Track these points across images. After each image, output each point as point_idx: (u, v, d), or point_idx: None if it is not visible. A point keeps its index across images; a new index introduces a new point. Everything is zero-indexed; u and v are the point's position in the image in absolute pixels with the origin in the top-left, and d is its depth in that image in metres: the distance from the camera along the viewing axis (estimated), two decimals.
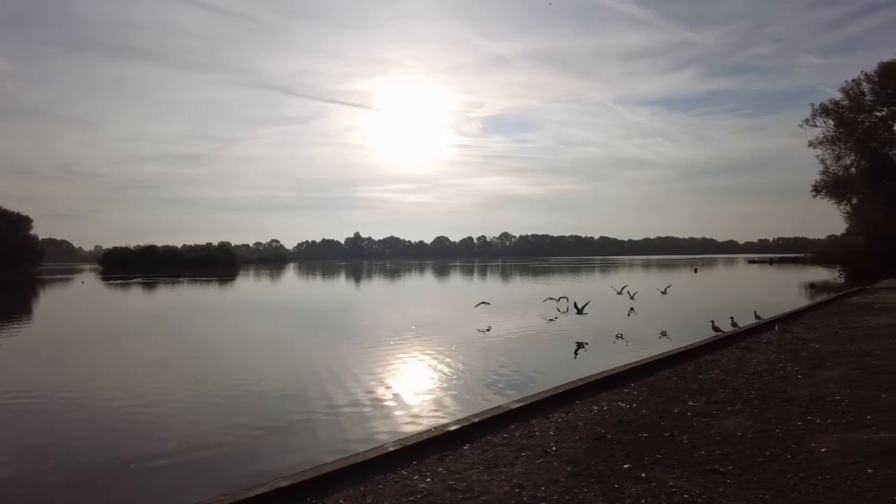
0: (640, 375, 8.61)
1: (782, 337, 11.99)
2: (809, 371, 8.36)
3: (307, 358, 13.94)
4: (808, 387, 7.35)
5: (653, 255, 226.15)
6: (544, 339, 16.20)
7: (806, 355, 9.65)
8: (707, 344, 11.26)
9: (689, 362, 9.64)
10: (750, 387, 7.55)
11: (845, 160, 50.50)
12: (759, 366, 9.01)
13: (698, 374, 8.58)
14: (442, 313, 25.48)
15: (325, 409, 8.93)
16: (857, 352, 9.65)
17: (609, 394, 7.59)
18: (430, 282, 58.00)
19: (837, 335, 11.80)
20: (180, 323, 23.18)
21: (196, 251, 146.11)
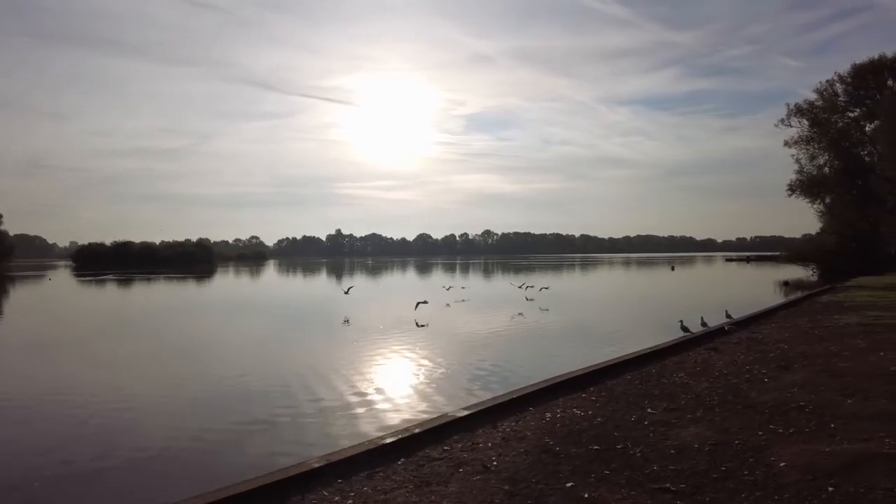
0: (601, 378, 8.21)
1: (752, 337, 11.73)
2: (776, 374, 8.03)
3: (271, 358, 13.33)
4: (772, 391, 6.99)
5: (633, 252, 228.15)
6: (514, 336, 15.79)
7: (774, 356, 9.34)
8: (675, 345, 10.92)
9: (654, 364, 9.27)
10: (713, 392, 7.17)
11: (819, 160, 51.13)
12: (725, 368, 8.66)
13: (662, 378, 8.19)
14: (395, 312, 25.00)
15: (277, 412, 8.38)
16: (825, 353, 9.37)
17: (566, 399, 7.16)
18: (404, 279, 57.42)
19: (807, 335, 11.55)
20: (147, 323, 22.31)
21: (172, 248, 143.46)
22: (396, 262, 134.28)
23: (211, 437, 7.44)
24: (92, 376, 11.61)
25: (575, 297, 31.64)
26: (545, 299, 25.87)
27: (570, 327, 18.03)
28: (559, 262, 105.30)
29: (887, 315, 14.12)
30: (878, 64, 48.52)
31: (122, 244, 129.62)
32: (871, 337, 10.77)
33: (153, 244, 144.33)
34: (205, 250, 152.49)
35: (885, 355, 8.80)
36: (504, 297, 29.56)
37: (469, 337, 15.84)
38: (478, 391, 9.32)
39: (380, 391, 9.63)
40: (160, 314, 25.12)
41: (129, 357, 14.01)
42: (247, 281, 56.73)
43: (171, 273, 70.16)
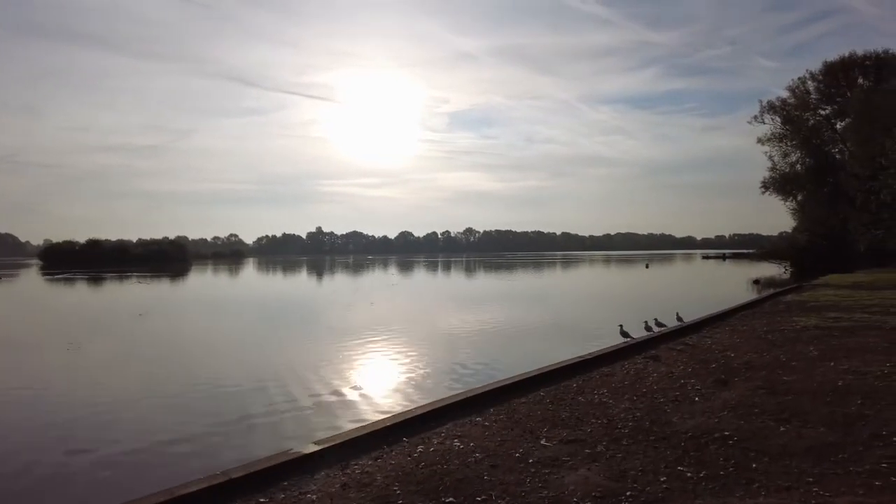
0: (509, 396, 7.02)
1: (699, 343, 10.67)
2: (710, 390, 6.91)
3: (227, 361, 11.95)
4: (698, 415, 5.86)
5: (613, 250, 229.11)
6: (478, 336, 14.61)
7: (715, 367, 8.24)
8: (611, 353, 9.80)
9: (579, 377, 8.11)
10: (630, 415, 6.02)
11: (791, 157, 50.92)
12: (656, 382, 7.54)
13: (580, 395, 7.03)
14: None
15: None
16: (773, 362, 8.30)
17: (455, 424, 5.95)
18: (379, 278, 56.06)
19: (759, 340, 10.52)
20: (100, 325, 20.68)
21: (145, 245, 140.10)
22: (378, 260, 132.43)
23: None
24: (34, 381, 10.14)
25: (534, 294, 30.65)
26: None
27: (520, 327, 16.89)
28: (537, 260, 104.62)
29: (846, 317, 13.19)
30: (849, 62, 48.39)
31: (93, 242, 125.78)
32: (825, 343, 9.76)
33: (126, 242, 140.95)
34: (179, 248, 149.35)
35: (835, 366, 7.75)
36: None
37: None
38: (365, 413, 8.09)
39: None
40: (115, 315, 23.46)
41: (73, 361, 12.51)
42: (212, 280, 54.83)
43: (143, 272, 67.81)
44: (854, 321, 12.48)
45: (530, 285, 40.58)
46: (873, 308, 14.82)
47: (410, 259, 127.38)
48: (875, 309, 14.60)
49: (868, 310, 14.55)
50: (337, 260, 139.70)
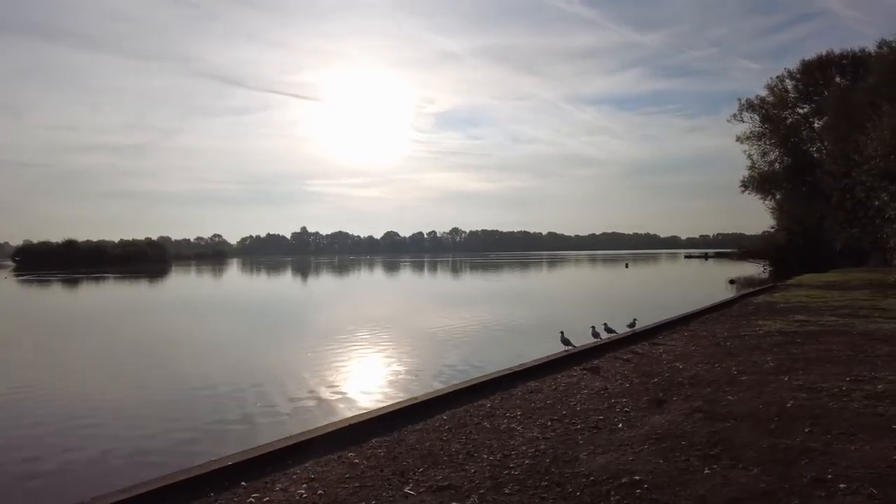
0: (404, 420, 5.91)
1: (649, 351, 9.65)
2: (641, 413, 5.87)
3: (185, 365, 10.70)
4: (613, 449, 4.80)
5: (599, 250, 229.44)
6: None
7: (657, 382, 7.21)
8: (548, 363, 8.73)
9: (500, 394, 7.03)
10: (533, 448, 4.94)
11: (770, 156, 50.51)
12: (583, 401, 6.48)
13: (487, 420, 5.95)
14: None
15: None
16: (722, 376, 7.28)
17: (315, 463, 4.84)
18: (359, 280, 54.80)
19: (716, 348, 9.52)
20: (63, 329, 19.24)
21: (123, 247, 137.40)
22: (363, 260, 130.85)
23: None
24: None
25: (510, 295, 29.62)
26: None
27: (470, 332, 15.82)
28: (522, 261, 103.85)
29: (813, 321, 12.28)
30: (826, 61, 48.08)
31: (69, 243, 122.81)
32: (785, 351, 8.78)
33: (104, 243, 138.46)
34: (158, 249, 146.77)
35: (789, 380, 6.75)
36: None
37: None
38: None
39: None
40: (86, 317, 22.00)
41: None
42: (183, 282, 53.17)
43: (121, 273, 65.81)
44: (820, 325, 11.56)
45: (509, 286, 39.61)
46: (842, 310, 13.96)
47: (395, 259, 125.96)
48: (844, 311, 13.74)
49: (837, 312, 13.68)
50: (321, 261, 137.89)
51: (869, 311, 13.77)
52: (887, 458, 4.19)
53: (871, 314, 13.08)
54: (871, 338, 9.69)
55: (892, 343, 9.12)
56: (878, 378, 6.63)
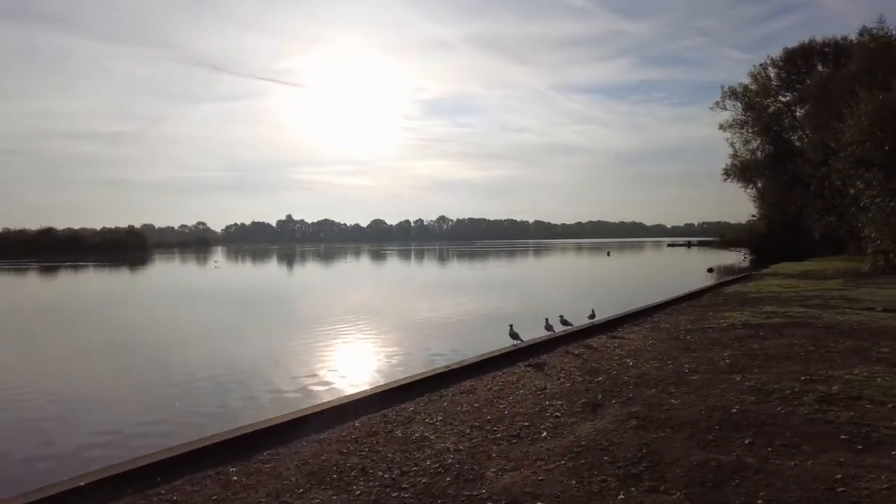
0: (301, 431, 5.27)
1: (604, 345, 9.10)
2: (572, 419, 5.29)
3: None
4: (526, 466, 4.20)
5: (584, 238, 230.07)
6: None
7: (601, 381, 6.64)
8: (491, 359, 8.14)
9: (428, 395, 6.43)
10: (437, 463, 4.33)
11: (752, 144, 50.26)
12: (515, 404, 5.89)
13: (401, 427, 5.33)
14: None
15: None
16: (671, 375, 6.73)
17: (188, 480, 4.19)
18: (338, 269, 54.00)
19: (674, 342, 8.99)
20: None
21: (102, 235, 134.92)
22: (349, 248, 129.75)
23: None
24: None
25: (490, 283, 29.07)
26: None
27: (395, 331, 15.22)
28: (507, 249, 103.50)
29: (781, 311, 11.82)
30: (808, 49, 47.71)
31: (46, 231, 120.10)
32: (745, 346, 8.27)
33: (83, 230, 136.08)
34: (138, 237, 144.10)
35: (741, 380, 6.21)
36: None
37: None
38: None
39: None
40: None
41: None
42: (159, 271, 52.00)
43: (98, 262, 64.29)
44: (787, 317, 11.09)
45: (491, 275, 39.07)
46: (812, 301, 13.54)
47: (382, 248, 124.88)
48: (814, 302, 13.32)
49: (807, 302, 13.25)
50: (306, 249, 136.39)
51: (839, 301, 13.37)
52: (827, 478, 3.64)
53: (839, 305, 12.67)
54: (835, 331, 9.22)
55: (854, 336, 8.64)
56: (833, 377, 6.11)
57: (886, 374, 6.21)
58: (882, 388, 5.64)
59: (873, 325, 9.73)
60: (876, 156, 19.21)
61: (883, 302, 12.84)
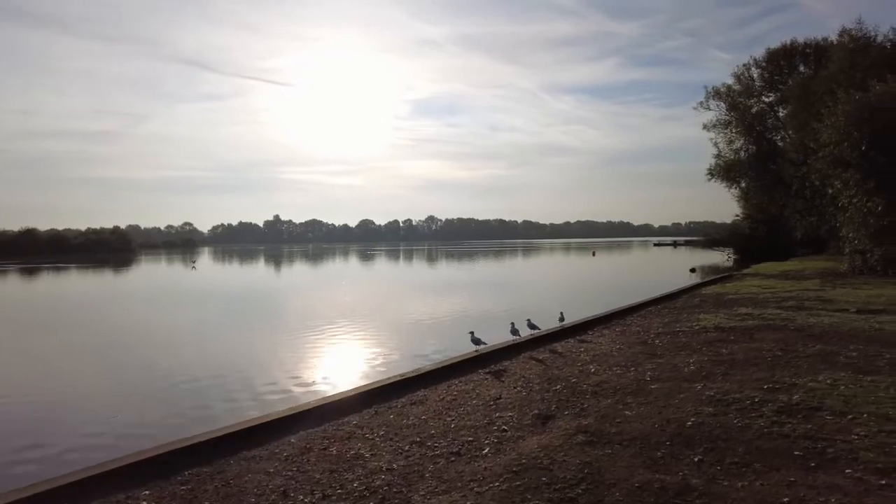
0: (230, 449, 4.93)
1: (570, 350, 8.83)
2: (519, 432, 5.00)
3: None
4: (455, 488, 3.89)
5: (573, 238, 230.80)
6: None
7: (558, 390, 6.35)
8: (453, 365, 7.84)
9: (376, 406, 6.11)
10: (362, 487, 4.01)
11: (736, 144, 50.51)
12: (464, 417, 5.59)
13: (336, 445, 5.00)
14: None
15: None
16: (630, 384, 6.46)
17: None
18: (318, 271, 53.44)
19: (642, 347, 8.74)
20: None
21: (85, 235, 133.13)
22: (338, 248, 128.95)
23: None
24: None
25: (468, 283, 28.79)
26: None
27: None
28: (495, 249, 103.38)
29: (756, 314, 11.64)
30: (791, 50, 48.01)
31: (27, 231, 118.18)
32: (713, 351, 8.04)
33: (68, 231, 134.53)
34: (122, 238, 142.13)
35: (702, 389, 5.95)
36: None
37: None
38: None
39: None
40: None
41: None
42: (142, 272, 51.13)
43: (80, 263, 63.19)
44: (761, 319, 10.90)
45: (478, 276, 38.80)
46: (788, 302, 13.39)
47: (370, 248, 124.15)
48: (790, 303, 13.16)
49: (782, 304, 13.10)
50: (294, 249, 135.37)
51: (814, 302, 13.23)
52: (774, 502, 3.37)
53: (814, 306, 12.52)
54: (806, 334, 9.02)
55: (824, 340, 8.45)
56: (796, 385, 5.87)
57: (850, 381, 5.99)
58: (844, 396, 5.41)
59: (845, 328, 9.56)
60: (853, 156, 19.17)
61: (857, 303, 12.72)
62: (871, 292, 14.82)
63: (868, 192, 19.16)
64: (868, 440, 4.29)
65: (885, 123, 18.35)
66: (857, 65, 27.68)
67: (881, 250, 19.31)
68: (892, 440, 4.27)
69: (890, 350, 7.69)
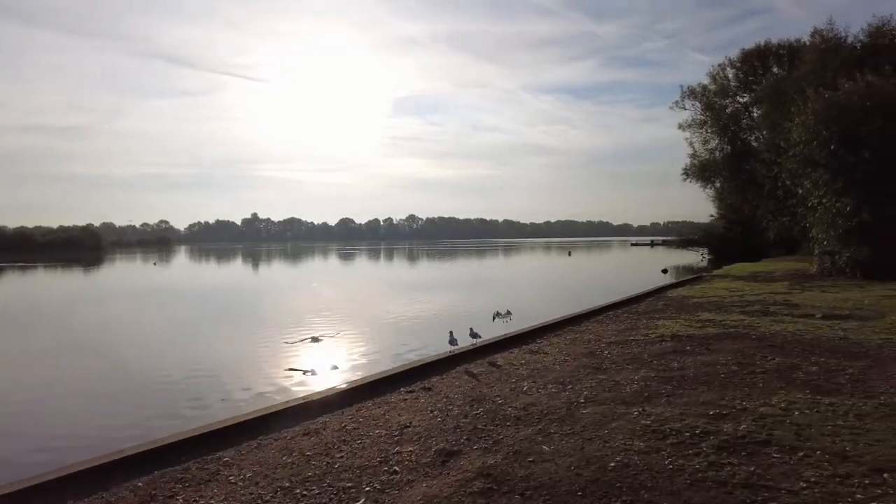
0: (61, 496, 4.00)
1: (516, 360, 8.01)
2: (410, 475, 4.13)
3: None
4: None
5: (553, 237, 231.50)
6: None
7: (480, 414, 5.51)
8: (373, 383, 6.95)
9: (263, 437, 5.20)
10: None
11: (711, 144, 50.50)
12: (356, 453, 4.71)
13: (187, 489, 4.09)
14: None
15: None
16: (560, 407, 5.63)
17: None
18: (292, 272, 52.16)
19: (588, 359, 7.95)
20: None
21: (54, 233, 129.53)
22: (318, 247, 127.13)
23: None
24: None
25: (437, 285, 27.95)
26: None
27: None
28: (475, 248, 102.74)
29: (718, 320, 10.96)
30: (765, 50, 48.15)
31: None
32: (663, 365, 7.27)
33: (36, 229, 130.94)
34: (92, 236, 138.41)
35: (638, 416, 5.14)
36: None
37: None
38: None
39: None
40: None
41: None
42: (108, 272, 49.30)
43: (47, 262, 60.82)
44: (723, 327, 10.21)
45: (444, 275, 37.97)
46: (754, 307, 12.77)
47: (350, 248, 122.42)
48: (755, 308, 12.54)
49: (747, 309, 12.46)
50: (272, 248, 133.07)
51: (780, 307, 12.63)
52: None
53: (780, 311, 11.91)
54: (768, 344, 8.33)
55: (785, 351, 7.76)
56: (746, 411, 5.11)
57: (806, 404, 5.25)
58: (797, 426, 4.65)
59: (808, 336, 8.91)
60: (822, 155, 18.74)
61: (823, 308, 12.14)
62: (838, 296, 14.31)
63: (837, 192, 18.76)
64: (818, 489, 3.51)
65: (853, 122, 17.94)
66: (827, 65, 27.46)
67: (849, 251, 18.92)
68: (846, 489, 3.50)
69: (852, 363, 7.02)
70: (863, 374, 6.41)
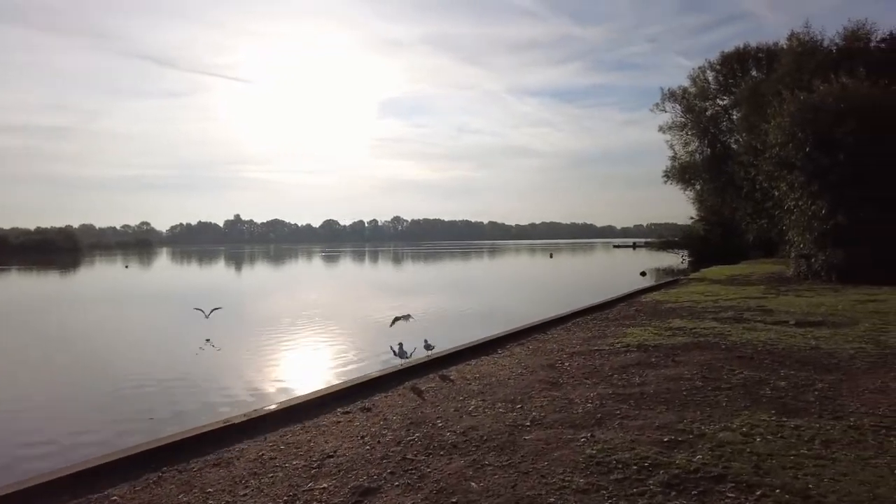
0: None
1: (474, 370, 7.48)
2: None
3: None
4: None
5: (537, 239, 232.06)
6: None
7: (414, 440, 4.96)
8: (308, 402, 6.37)
9: (171, 467, 4.61)
10: None
11: (691, 146, 50.66)
12: (262, 489, 4.14)
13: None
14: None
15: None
16: (504, 431, 5.11)
17: None
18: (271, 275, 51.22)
19: (545, 372, 7.44)
20: None
21: (29, 235, 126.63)
22: (300, 249, 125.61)
23: None
24: None
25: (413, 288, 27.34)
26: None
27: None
28: (459, 250, 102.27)
29: (689, 328, 10.54)
30: (744, 54, 48.47)
31: None
32: (624, 380, 6.80)
33: (14, 230, 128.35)
34: (69, 238, 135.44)
35: (585, 443, 4.63)
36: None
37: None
38: None
39: None
40: None
41: None
42: (82, 275, 47.94)
43: (21, 265, 59.03)
44: (693, 335, 9.79)
45: (423, 277, 37.41)
46: (727, 313, 12.40)
47: (334, 249, 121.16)
48: (728, 314, 12.16)
49: (720, 315, 12.08)
50: (255, 250, 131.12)
51: (754, 313, 12.28)
52: None
53: (753, 318, 11.55)
54: (736, 355, 7.91)
55: (754, 363, 7.33)
56: (704, 436, 4.63)
57: (770, 428, 4.78)
58: (758, 455, 4.18)
59: (780, 346, 8.52)
60: (797, 157, 18.54)
61: (797, 314, 11.81)
62: (812, 300, 14.03)
63: (812, 194, 18.57)
64: None
65: (828, 124, 17.75)
66: (803, 67, 27.45)
67: (825, 254, 18.73)
68: None
69: (823, 376, 6.61)
70: (833, 390, 5.99)
